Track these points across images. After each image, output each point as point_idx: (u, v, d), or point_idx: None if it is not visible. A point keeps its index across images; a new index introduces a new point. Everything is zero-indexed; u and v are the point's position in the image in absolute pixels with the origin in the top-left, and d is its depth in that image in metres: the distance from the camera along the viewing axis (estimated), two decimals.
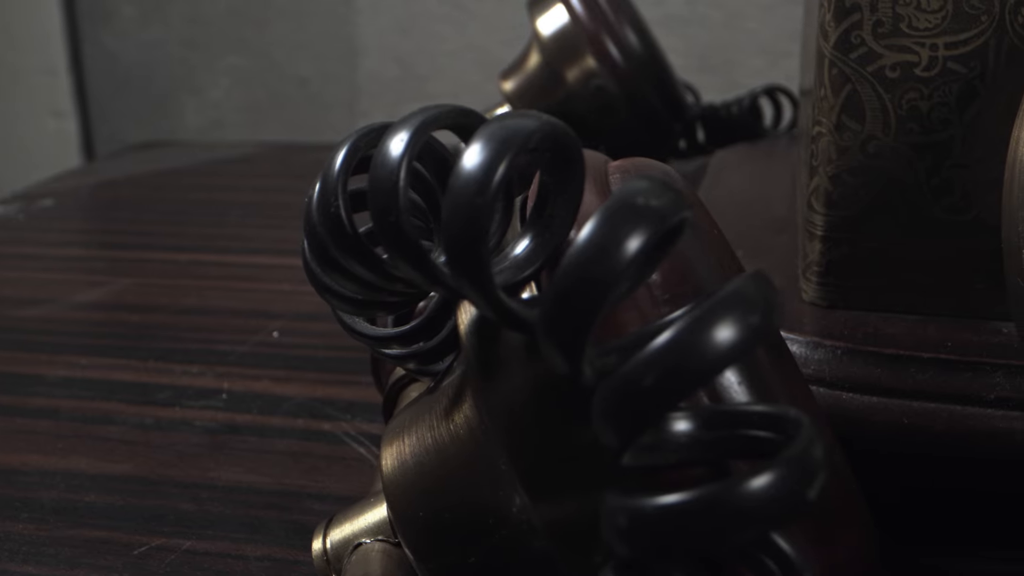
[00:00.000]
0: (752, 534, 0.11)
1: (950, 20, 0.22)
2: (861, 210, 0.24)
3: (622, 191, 0.12)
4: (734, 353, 0.11)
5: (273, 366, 0.30)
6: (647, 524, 0.11)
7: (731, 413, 0.13)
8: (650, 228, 0.12)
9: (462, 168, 0.12)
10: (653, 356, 0.11)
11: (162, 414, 0.28)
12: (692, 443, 0.13)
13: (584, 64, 0.40)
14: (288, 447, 0.26)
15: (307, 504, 0.24)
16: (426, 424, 0.18)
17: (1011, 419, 0.21)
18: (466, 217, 0.12)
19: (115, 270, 0.39)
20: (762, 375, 0.14)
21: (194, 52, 0.77)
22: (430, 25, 0.72)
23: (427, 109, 0.14)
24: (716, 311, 0.11)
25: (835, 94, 0.23)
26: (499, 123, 0.13)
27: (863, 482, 0.22)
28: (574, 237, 0.13)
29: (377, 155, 0.14)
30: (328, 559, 0.19)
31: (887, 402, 0.22)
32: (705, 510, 0.11)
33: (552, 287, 0.12)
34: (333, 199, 0.15)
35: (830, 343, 0.23)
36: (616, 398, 0.11)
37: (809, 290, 0.25)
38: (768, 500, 0.11)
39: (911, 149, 0.23)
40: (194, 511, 0.24)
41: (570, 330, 0.12)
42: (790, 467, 0.11)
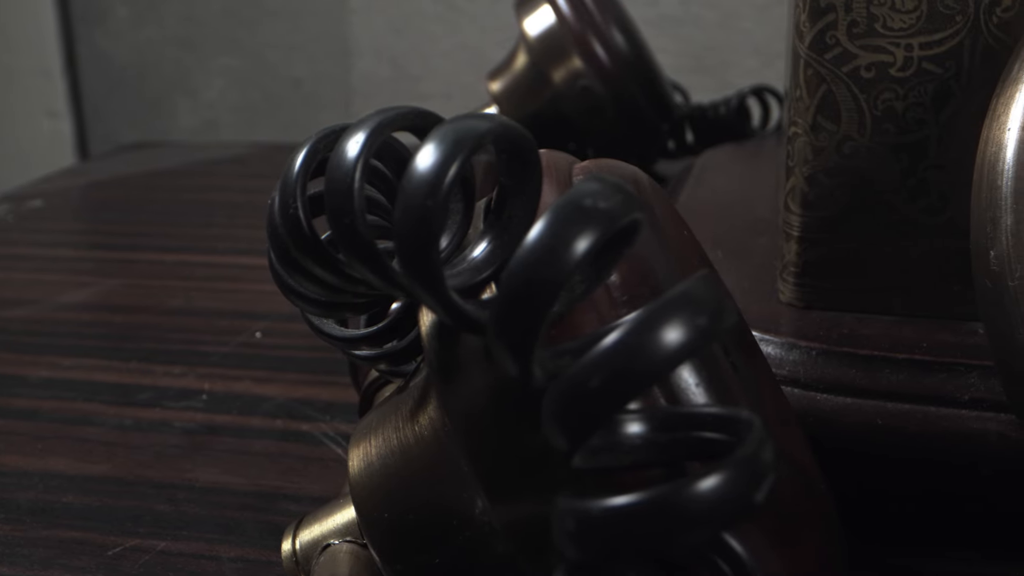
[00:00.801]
0: (700, 536, 0.11)
1: (925, 20, 0.22)
2: (837, 211, 0.24)
3: (571, 193, 0.12)
4: (680, 355, 0.11)
5: (255, 367, 0.30)
6: (594, 526, 0.11)
7: (684, 415, 0.13)
8: (598, 230, 0.12)
9: (413, 170, 0.12)
10: (599, 358, 0.11)
11: (142, 415, 0.28)
12: (645, 445, 0.13)
13: (570, 65, 0.40)
14: (266, 448, 0.26)
15: (282, 505, 0.24)
16: (392, 425, 0.18)
17: (985, 420, 0.21)
18: (417, 219, 0.12)
19: (103, 271, 0.39)
20: (721, 376, 0.14)
21: (188, 53, 0.77)
22: (423, 25, 0.72)
23: (384, 111, 0.14)
24: (663, 312, 0.11)
25: (810, 94, 0.23)
26: (451, 125, 0.13)
27: (835, 482, 0.22)
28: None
29: (333, 157, 0.14)
30: (297, 560, 0.19)
31: (861, 403, 0.22)
32: (651, 512, 0.11)
33: (500, 289, 0.12)
34: (292, 201, 0.15)
35: (805, 344, 0.23)
36: (563, 400, 0.11)
37: (786, 291, 0.25)
38: (715, 502, 0.11)
39: (887, 150, 0.23)
40: (170, 512, 0.24)
41: (518, 332, 0.12)
42: (738, 469, 0.11)
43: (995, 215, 0.18)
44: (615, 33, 0.39)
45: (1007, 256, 0.17)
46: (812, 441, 0.21)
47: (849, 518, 0.22)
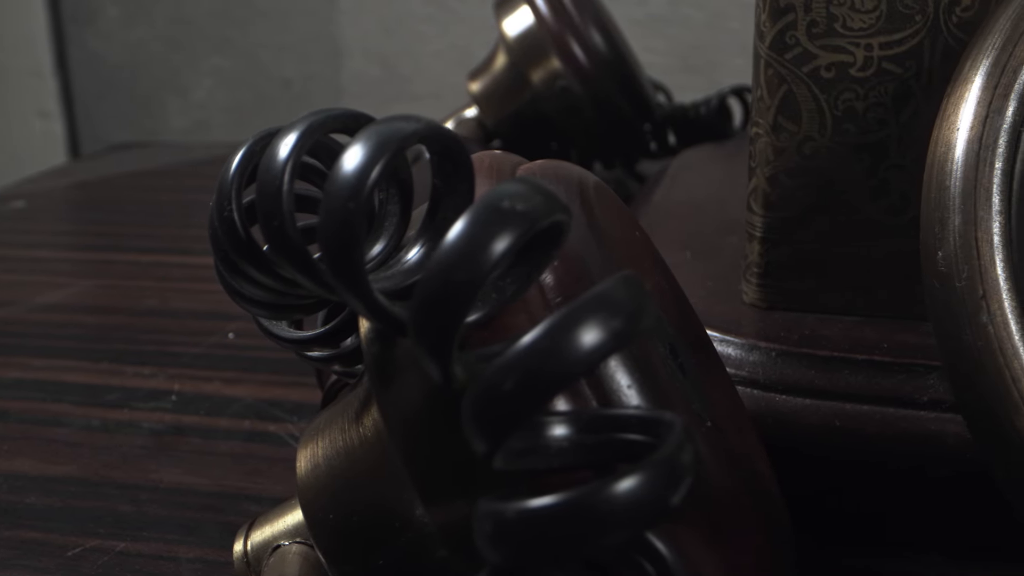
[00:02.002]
0: (616, 538, 0.11)
1: (884, 20, 0.22)
2: (799, 211, 0.24)
3: (488, 194, 0.12)
4: (595, 356, 0.11)
5: (226, 367, 0.30)
6: (510, 529, 0.11)
7: (608, 417, 0.13)
8: (516, 231, 0.11)
9: (336, 172, 0.12)
10: (511, 361, 0.11)
11: (110, 416, 0.28)
12: (569, 447, 0.13)
13: (549, 65, 0.40)
14: (231, 449, 0.26)
15: (244, 506, 0.24)
16: (338, 427, 0.18)
17: (943, 421, 0.21)
18: (339, 221, 0.12)
19: (80, 272, 0.39)
20: (655, 377, 0.14)
21: (178, 53, 0.77)
22: (413, 26, 0.72)
23: (316, 113, 0.14)
24: (577, 314, 0.11)
25: (771, 95, 0.23)
26: (376, 126, 0.13)
27: (794, 483, 0.22)
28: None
29: (263, 160, 0.14)
30: (248, 561, 0.19)
31: (819, 404, 0.22)
32: (566, 515, 0.11)
33: (416, 292, 0.12)
34: (227, 204, 0.15)
35: (765, 345, 0.23)
36: (478, 403, 0.11)
37: (749, 292, 0.25)
38: (630, 504, 0.11)
39: (848, 150, 0.23)
40: (131, 513, 0.24)
41: (436, 334, 0.12)
42: (654, 471, 0.11)
43: (943, 216, 0.18)
44: (594, 33, 0.39)
45: (954, 257, 0.17)
46: (771, 442, 0.21)
47: (808, 519, 0.22)
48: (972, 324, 0.17)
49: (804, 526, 0.22)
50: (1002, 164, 0.17)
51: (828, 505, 0.22)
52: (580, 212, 0.16)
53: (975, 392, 0.17)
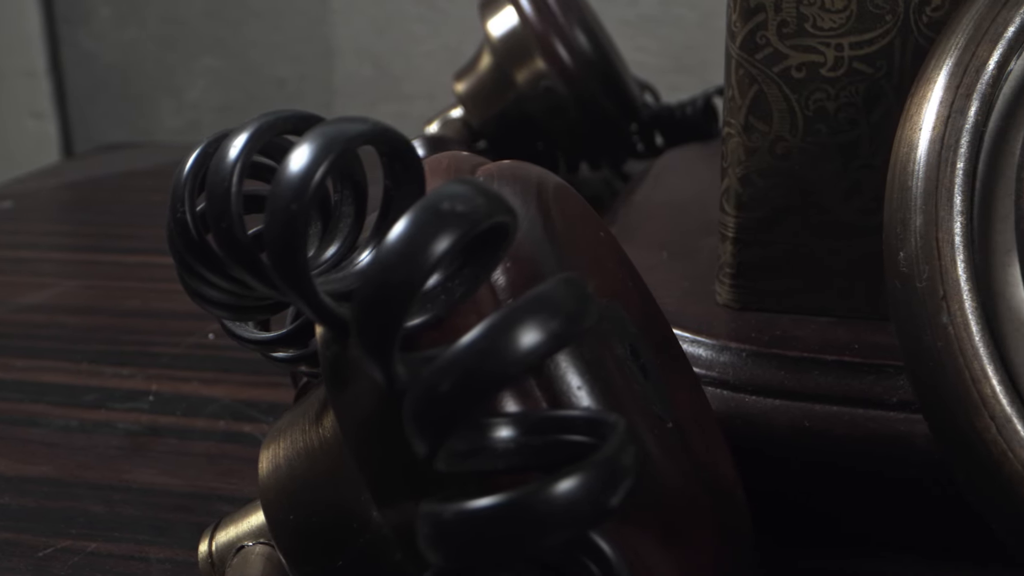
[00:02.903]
0: (555, 539, 0.11)
1: (855, 20, 0.22)
2: (771, 212, 0.24)
3: (429, 196, 0.12)
4: (532, 357, 0.11)
5: (204, 368, 0.30)
6: (448, 530, 0.11)
7: (554, 418, 0.13)
8: (455, 233, 0.11)
9: (280, 174, 0.12)
10: (449, 361, 0.11)
11: (87, 416, 0.28)
12: (515, 449, 0.13)
13: (533, 65, 0.40)
14: (207, 449, 0.26)
15: (217, 506, 0.24)
16: (300, 428, 0.18)
17: (912, 422, 0.21)
18: (282, 223, 0.12)
19: (63, 272, 0.39)
20: (607, 378, 0.14)
21: (171, 53, 0.77)
22: (405, 26, 0.72)
23: (266, 114, 0.14)
24: (515, 315, 0.11)
25: (742, 95, 0.23)
26: (322, 128, 0.13)
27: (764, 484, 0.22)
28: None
29: (213, 162, 0.14)
30: (213, 562, 0.19)
31: (789, 405, 0.22)
32: (503, 516, 0.11)
33: (357, 293, 0.12)
34: (180, 205, 0.15)
35: (736, 345, 0.23)
36: (417, 404, 0.11)
37: (723, 292, 0.25)
38: (568, 505, 0.11)
39: (819, 150, 0.23)
40: (104, 513, 0.24)
41: (376, 336, 0.12)
42: (593, 472, 0.11)
43: (905, 216, 0.17)
44: (578, 34, 0.39)
45: (915, 257, 0.17)
46: (739, 443, 0.21)
47: (778, 520, 0.22)
48: (932, 325, 0.17)
49: (774, 527, 0.22)
50: (964, 164, 0.17)
51: (798, 506, 0.22)
52: (536, 213, 0.15)
53: (936, 393, 0.17)
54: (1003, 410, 0.16)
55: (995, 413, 0.16)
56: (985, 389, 0.16)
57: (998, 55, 0.18)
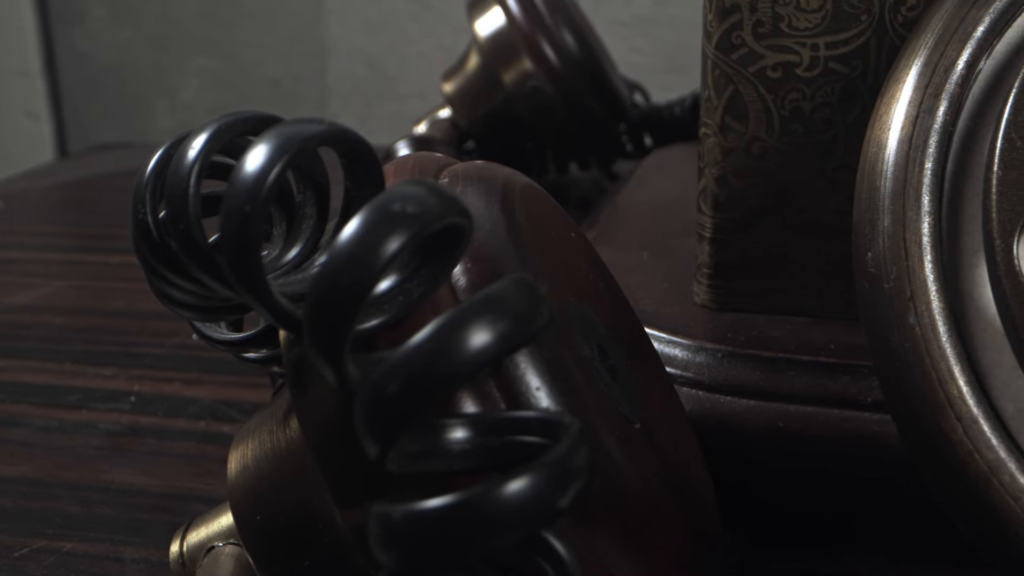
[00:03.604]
0: (504, 540, 0.11)
1: (830, 20, 0.22)
2: (748, 212, 0.24)
3: (380, 197, 0.12)
4: (480, 359, 0.11)
5: (187, 368, 0.30)
6: (397, 531, 0.11)
7: (508, 419, 0.13)
8: (404, 234, 0.11)
9: (235, 175, 0.12)
10: (396, 363, 0.11)
11: (68, 416, 0.28)
12: (471, 450, 0.13)
13: (520, 65, 0.40)
14: (186, 450, 0.26)
15: (193, 507, 0.24)
16: (267, 429, 0.18)
17: (886, 423, 0.21)
18: (236, 225, 0.12)
19: (51, 273, 0.39)
20: (567, 379, 0.14)
21: (165, 53, 0.77)
22: (399, 26, 0.72)
23: (226, 115, 0.14)
24: (463, 317, 0.11)
25: (718, 95, 0.23)
26: (277, 129, 0.13)
27: (738, 485, 0.22)
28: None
29: (172, 163, 0.14)
30: (184, 562, 0.19)
31: (764, 406, 0.22)
32: (452, 516, 0.11)
33: (308, 295, 0.12)
34: (141, 206, 0.15)
35: (711, 346, 0.23)
36: (366, 406, 0.11)
37: (700, 293, 0.25)
38: (517, 506, 0.11)
39: (795, 150, 0.23)
40: (81, 513, 0.24)
41: (326, 336, 0.12)
42: (542, 473, 0.11)
43: (873, 217, 0.17)
44: (565, 34, 0.39)
45: (883, 258, 0.17)
46: (714, 444, 0.21)
47: (752, 521, 0.22)
48: (899, 325, 0.17)
49: (750, 527, 0.22)
50: (932, 164, 0.17)
51: (773, 506, 0.22)
52: (499, 214, 0.15)
53: (903, 394, 0.17)
54: (969, 411, 0.16)
55: (961, 414, 0.16)
56: (952, 390, 0.16)
57: (967, 55, 0.18)
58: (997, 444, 0.16)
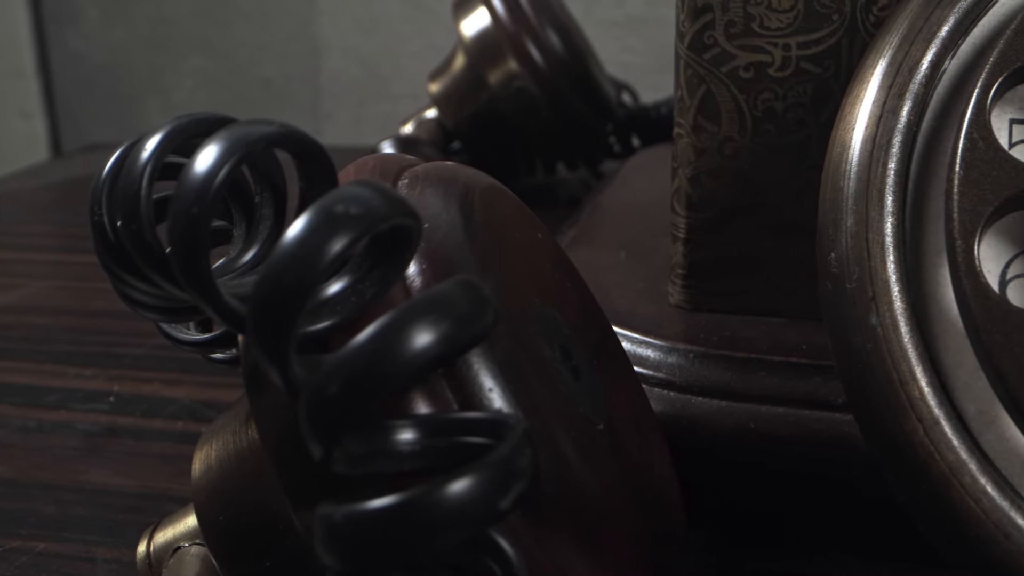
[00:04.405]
0: (444, 541, 0.11)
1: (802, 20, 0.22)
2: (721, 212, 0.24)
3: (325, 198, 0.12)
4: (421, 360, 0.11)
5: (167, 368, 0.30)
6: (339, 532, 0.11)
7: (457, 421, 0.13)
8: (347, 235, 0.11)
9: (183, 177, 0.12)
10: (336, 364, 0.11)
11: (46, 416, 0.28)
12: (421, 451, 0.13)
13: (506, 66, 0.40)
14: (163, 450, 0.26)
15: (167, 507, 0.24)
16: (231, 430, 0.18)
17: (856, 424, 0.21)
18: (184, 227, 0.12)
19: (35, 273, 0.39)
20: (521, 379, 0.14)
21: (158, 53, 0.77)
22: (392, 25, 0.72)
23: (179, 117, 0.14)
24: (404, 318, 0.11)
25: (691, 95, 0.23)
26: (226, 130, 0.13)
27: (708, 486, 0.22)
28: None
29: (124, 165, 0.14)
30: (150, 563, 0.19)
31: (735, 406, 0.22)
32: (392, 517, 0.11)
33: (252, 296, 0.12)
34: (97, 208, 0.15)
35: (683, 347, 0.23)
36: (307, 407, 0.11)
37: (675, 293, 0.25)
38: (457, 507, 0.11)
39: (768, 151, 0.23)
40: (55, 513, 0.24)
41: (269, 337, 0.12)
42: (482, 475, 0.11)
43: (837, 217, 0.17)
44: (550, 34, 0.39)
45: (846, 258, 0.17)
46: (684, 444, 0.21)
47: (722, 521, 0.22)
48: (861, 326, 0.17)
49: (722, 528, 0.22)
50: (895, 165, 0.17)
51: (745, 507, 0.22)
52: (457, 215, 0.15)
53: (865, 395, 0.17)
54: (931, 412, 0.16)
55: (922, 415, 0.16)
56: (913, 391, 0.16)
57: (931, 54, 0.18)
58: (958, 445, 0.16)
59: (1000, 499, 0.16)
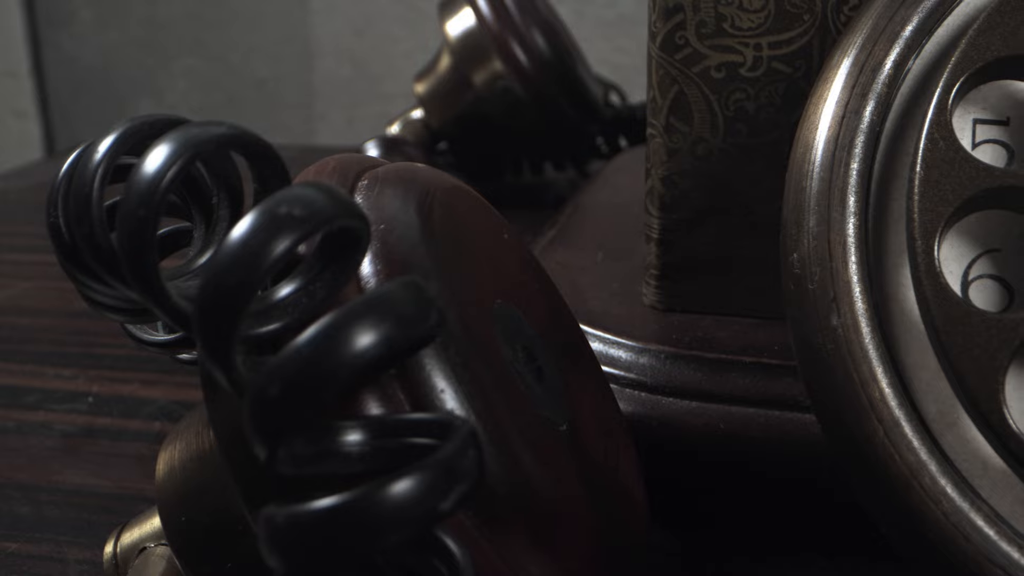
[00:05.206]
0: (385, 542, 0.11)
1: (773, 20, 0.22)
2: (694, 213, 0.23)
3: (267, 200, 0.12)
4: (362, 361, 0.11)
5: (146, 369, 0.30)
6: (281, 534, 0.11)
7: (402, 422, 0.13)
8: (289, 236, 0.11)
9: (130, 179, 0.12)
10: (277, 366, 0.11)
11: (24, 417, 0.28)
12: (366, 452, 0.13)
13: (490, 66, 0.40)
14: (139, 450, 0.26)
15: (140, 507, 0.23)
16: (194, 431, 0.18)
17: None
18: (131, 229, 0.12)
19: (17, 273, 0.39)
20: (476, 380, 0.14)
21: (151, 55, 0.77)
22: (384, 26, 0.72)
23: (133, 119, 0.14)
24: (344, 319, 0.11)
25: (663, 95, 0.23)
26: (175, 132, 0.13)
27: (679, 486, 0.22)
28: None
29: (77, 168, 0.14)
30: (117, 563, 0.19)
31: (706, 407, 0.22)
32: (332, 519, 0.11)
33: (196, 297, 0.12)
34: (53, 210, 0.15)
35: (655, 347, 0.22)
36: (250, 408, 0.11)
37: (648, 294, 0.24)
38: (397, 508, 0.11)
39: (740, 151, 0.23)
40: (29, 514, 0.24)
41: (213, 338, 0.12)
42: (424, 475, 0.11)
43: (799, 217, 0.17)
44: (535, 35, 0.39)
45: (808, 259, 0.17)
46: (655, 445, 0.21)
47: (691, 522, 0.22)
48: (823, 327, 0.17)
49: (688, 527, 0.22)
50: (858, 165, 0.17)
51: (712, 507, 0.22)
52: (415, 217, 0.15)
53: (826, 396, 0.17)
54: (891, 413, 0.16)
55: (882, 416, 0.16)
56: (873, 392, 0.16)
57: (895, 54, 0.18)
58: (918, 446, 0.16)
59: (960, 501, 0.16)
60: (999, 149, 0.17)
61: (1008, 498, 0.16)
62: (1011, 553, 0.15)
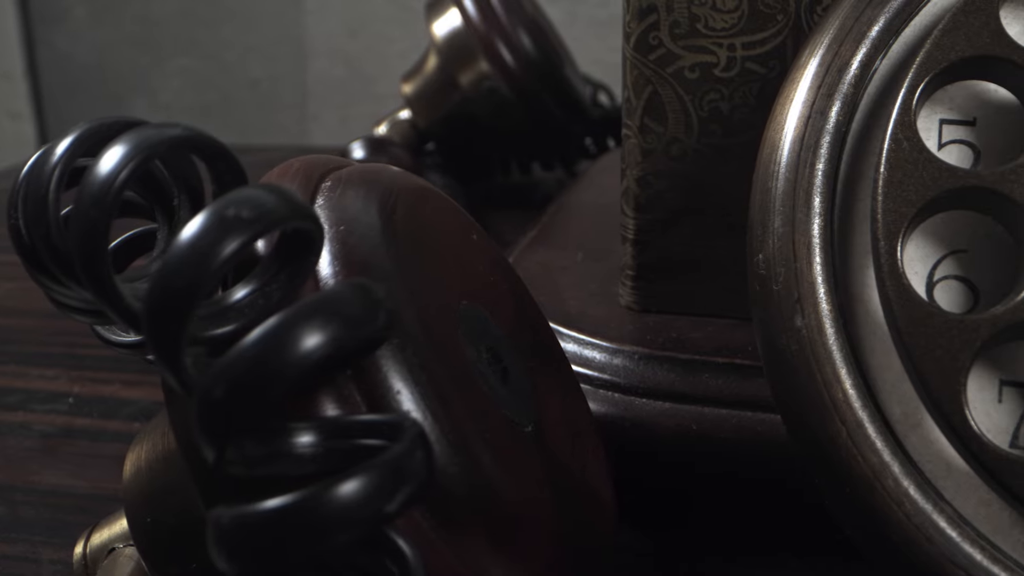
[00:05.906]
0: (331, 543, 0.11)
1: (746, 20, 0.22)
2: (669, 213, 0.23)
3: (217, 202, 0.12)
4: (307, 362, 0.11)
5: (127, 370, 0.30)
6: (227, 534, 0.11)
7: (353, 423, 0.13)
8: (237, 238, 0.11)
9: (84, 181, 0.12)
10: (222, 367, 0.11)
11: (5, 418, 0.28)
12: (315, 453, 0.13)
13: (477, 66, 0.39)
14: (117, 451, 0.26)
15: (115, 508, 0.24)
16: (160, 432, 0.18)
17: None
18: (83, 230, 0.12)
19: (2, 274, 0.39)
20: (433, 381, 0.14)
21: (145, 54, 0.77)
22: (378, 27, 0.72)
23: (90, 122, 0.14)
24: (290, 321, 0.11)
25: (637, 96, 0.23)
26: (129, 133, 0.13)
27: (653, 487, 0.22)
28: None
29: (34, 170, 0.14)
30: (86, 564, 0.19)
31: (678, 408, 0.22)
32: (278, 519, 0.11)
33: (144, 298, 0.12)
34: (13, 211, 0.15)
35: (629, 348, 0.22)
36: (197, 409, 0.11)
37: (625, 295, 0.24)
38: (343, 510, 0.11)
39: (715, 151, 0.23)
40: (4, 514, 0.24)
41: (161, 339, 0.12)
42: (370, 477, 0.11)
43: (764, 218, 0.17)
44: (521, 35, 0.39)
45: (773, 259, 0.17)
46: (626, 446, 0.21)
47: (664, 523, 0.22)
48: (787, 328, 0.17)
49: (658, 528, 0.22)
50: (823, 166, 0.17)
51: (684, 508, 0.22)
52: (376, 217, 0.15)
53: (790, 397, 0.17)
54: (854, 415, 0.16)
55: (846, 418, 0.16)
56: (837, 393, 0.16)
57: (862, 54, 0.18)
58: (882, 448, 0.16)
59: (923, 502, 0.16)
60: (965, 149, 0.17)
61: (971, 500, 0.16)
62: (973, 555, 0.15)
